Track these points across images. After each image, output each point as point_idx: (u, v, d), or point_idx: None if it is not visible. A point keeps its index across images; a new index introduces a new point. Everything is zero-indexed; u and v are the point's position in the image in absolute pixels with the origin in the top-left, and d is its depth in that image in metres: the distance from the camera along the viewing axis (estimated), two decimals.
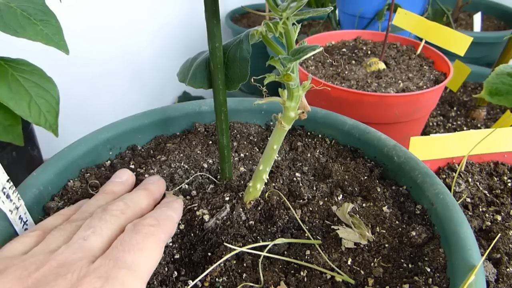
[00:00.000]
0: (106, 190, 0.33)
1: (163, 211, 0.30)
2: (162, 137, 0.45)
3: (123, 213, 0.28)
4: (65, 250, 0.24)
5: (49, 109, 0.47)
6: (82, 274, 0.22)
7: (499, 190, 0.48)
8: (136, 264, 0.24)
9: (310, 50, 0.24)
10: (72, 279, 0.22)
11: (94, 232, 0.26)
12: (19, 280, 0.22)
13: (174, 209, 0.31)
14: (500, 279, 0.37)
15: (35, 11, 0.44)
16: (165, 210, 0.30)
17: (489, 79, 0.47)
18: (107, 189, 0.33)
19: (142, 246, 0.25)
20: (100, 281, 0.22)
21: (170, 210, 0.30)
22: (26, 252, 0.25)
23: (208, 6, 0.28)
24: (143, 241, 0.25)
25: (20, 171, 0.70)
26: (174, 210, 0.31)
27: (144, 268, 0.24)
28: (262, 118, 0.49)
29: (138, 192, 0.32)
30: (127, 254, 0.24)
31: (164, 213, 0.29)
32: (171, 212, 0.30)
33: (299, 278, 0.29)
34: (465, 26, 1.20)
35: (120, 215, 0.28)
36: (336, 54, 0.77)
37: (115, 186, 0.33)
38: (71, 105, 0.96)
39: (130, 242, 0.25)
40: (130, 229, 0.26)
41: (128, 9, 1.16)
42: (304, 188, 0.37)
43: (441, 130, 0.76)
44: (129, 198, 0.30)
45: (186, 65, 0.34)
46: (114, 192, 0.32)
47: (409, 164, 0.37)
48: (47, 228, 0.28)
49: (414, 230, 0.32)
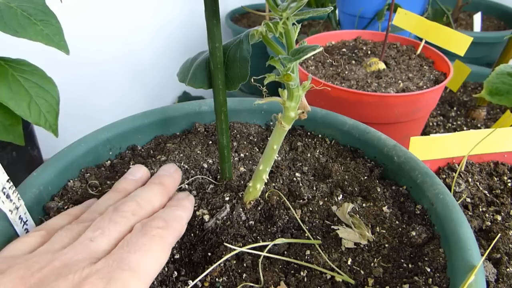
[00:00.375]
0: (118, 188, 0.31)
1: (173, 210, 0.29)
2: (162, 137, 0.45)
3: (134, 215, 0.27)
4: (69, 250, 0.24)
5: (49, 109, 0.47)
6: (85, 275, 0.22)
7: (499, 190, 0.48)
8: (140, 266, 0.23)
9: (310, 50, 0.24)
10: (74, 279, 0.22)
11: (102, 233, 0.25)
12: (21, 279, 0.22)
13: (184, 209, 0.30)
14: (500, 279, 0.37)
15: (35, 11, 0.44)
16: (175, 209, 0.29)
17: (489, 79, 0.47)
18: (119, 187, 0.31)
19: (148, 248, 0.24)
20: (102, 282, 0.22)
21: (180, 209, 0.29)
22: (29, 252, 0.25)
23: (208, 6, 0.28)
24: (149, 244, 0.25)
25: (20, 171, 0.70)
26: (185, 210, 0.30)
27: (148, 271, 0.24)
28: (262, 118, 0.49)
29: (152, 187, 0.31)
30: (132, 255, 0.23)
31: (173, 213, 0.28)
32: (181, 212, 0.29)
33: (299, 278, 0.29)
34: (465, 26, 1.20)
35: (131, 216, 0.27)
36: (336, 54, 0.77)
37: (128, 184, 0.32)
38: (71, 105, 0.96)
39: (136, 244, 0.24)
40: (138, 229, 0.26)
41: (128, 9, 1.16)
42: (304, 188, 0.37)
43: (441, 130, 0.76)
44: (142, 196, 0.29)
45: (186, 65, 0.34)
46: (127, 190, 0.31)
47: (409, 164, 0.37)
48: (51, 229, 0.27)
49: (414, 230, 0.32)
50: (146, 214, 0.28)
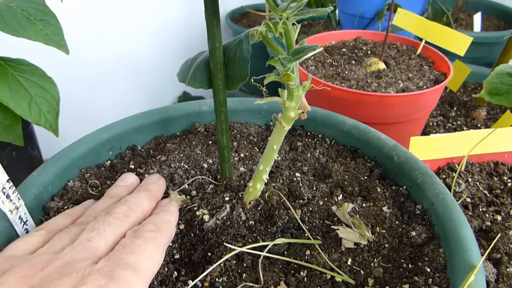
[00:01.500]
0: (111, 194, 0.33)
1: (161, 215, 0.30)
2: (162, 137, 0.45)
3: (126, 216, 0.29)
4: (70, 250, 0.25)
5: (49, 109, 0.47)
6: (87, 273, 0.23)
7: (499, 190, 0.48)
8: (139, 265, 0.24)
9: (310, 50, 0.24)
10: (77, 277, 0.22)
11: (98, 233, 0.26)
12: (24, 278, 0.22)
13: (170, 213, 0.32)
14: (500, 279, 0.37)
15: (35, 11, 0.44)
16: (162, 214, 0.31)
17: (488, 79, 0.47)
18: (112, 193, 0.33)
19: (144, 249, 0.25)
20: (104, 279, 0.22)
21: (167, 214, 0.31)
22: (31, 251, 0.26)
23: (208, 6, 0.28)
24: (144, 244, 0.26)
25: (20, 171, 0.70)
26: (171, 214, 0.31)
27: (147, 269, 0.25)
28: (262, 118, 0.49)
29: (140, 193, 0.32)
30: (129, 255, 0.24)
31: (162, 217, 0.30)
32: (168, 216, 0.31)
33: (299, 278, 0.29)
34: (465, 26, 1.20)
35: (123, 218, 0.28)
36: (336, 54, 0.77)
37: (119, 190, 0.34)
38: (71, 105, 0.96)
39: (132, 245, 0.25)
40: (130, 234, 0.27)
41: (128, 9, 1.16)
42: (304, 188, 0.37)
43: (441, 130, 0.76)
44: (132, 201, 0.31)
45: (186, 65, 0.34)
46: (119, 196, 0.33)
47: (409, 164, 0.37)
48: (52, 229, 0.28)
49: (414, 230, 0.32)
50: (137, 217, 0.30)
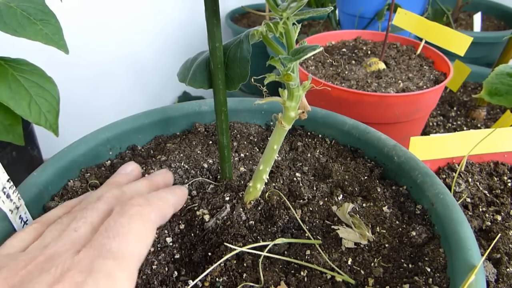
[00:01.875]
0: (110, 181, 0.32)
1: (158, 192, 0.28)
2: (162, 137, 0.45)
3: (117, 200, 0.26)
4: (56, 243, 0.23)
5: (49, 109, 0.47)
6: (66, 268, 0.21)
7: (499, 190, 0.48)
8: (122, 251, 0.22)
9: (310, 50, 0.24)
10: (56, 273, 0.20)
11: (85, 222, 0.24)
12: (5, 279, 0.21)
13: (173, 193, 0.29)
14: (500, 279, 0.37)
15: (35, 11, 0.44)
16: (161, 191, 0.28)
17: (488, 79, 0.47)
18: (111, 181, 0.32)
19: (127, 230, 0.23)
20: (83, 275, 0.20)
21: (166, 192, 0.28)
22: (24, 247, 0.24)
23: (208, 6, 0.28)
24: (128, 224, 0.23)
25: (20, 171, 0.71)
26: (173, 194, 0.29)
27: (132, 255, 0.22)
28: (262, 118, 0.49)
29: (141, 181, 0.31)
30: (112, 240, 0.22)
31: (158, 194, 0.28)
32: (166, 194, 0.28)
33: (299, 278, 0.29)
34: (465, 26, 1.20)
35: (114, 201, 0.26)
36: (336, 54, 0.77)
37: (119, 178, 0.33)
38: (71, 104, 0.96)
39: (115, 227, 0.23)
40: (116, 211, 0.24)
41: (129, 9, 1.16)
42: (304, 188, 0.37)
43: (441, 130, 0.76)
44: (128, 186, 0.29)
45: (186, 65, 0.34)
46: (118, 183, 0.31)
47: (409, 164, 0.37)
48: (47, 220, 0.27)
49: (414, 230, 0.32)
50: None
